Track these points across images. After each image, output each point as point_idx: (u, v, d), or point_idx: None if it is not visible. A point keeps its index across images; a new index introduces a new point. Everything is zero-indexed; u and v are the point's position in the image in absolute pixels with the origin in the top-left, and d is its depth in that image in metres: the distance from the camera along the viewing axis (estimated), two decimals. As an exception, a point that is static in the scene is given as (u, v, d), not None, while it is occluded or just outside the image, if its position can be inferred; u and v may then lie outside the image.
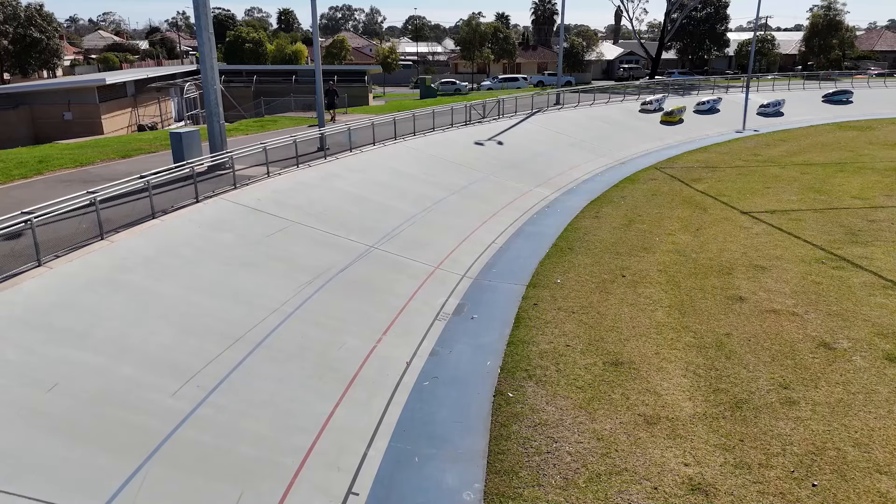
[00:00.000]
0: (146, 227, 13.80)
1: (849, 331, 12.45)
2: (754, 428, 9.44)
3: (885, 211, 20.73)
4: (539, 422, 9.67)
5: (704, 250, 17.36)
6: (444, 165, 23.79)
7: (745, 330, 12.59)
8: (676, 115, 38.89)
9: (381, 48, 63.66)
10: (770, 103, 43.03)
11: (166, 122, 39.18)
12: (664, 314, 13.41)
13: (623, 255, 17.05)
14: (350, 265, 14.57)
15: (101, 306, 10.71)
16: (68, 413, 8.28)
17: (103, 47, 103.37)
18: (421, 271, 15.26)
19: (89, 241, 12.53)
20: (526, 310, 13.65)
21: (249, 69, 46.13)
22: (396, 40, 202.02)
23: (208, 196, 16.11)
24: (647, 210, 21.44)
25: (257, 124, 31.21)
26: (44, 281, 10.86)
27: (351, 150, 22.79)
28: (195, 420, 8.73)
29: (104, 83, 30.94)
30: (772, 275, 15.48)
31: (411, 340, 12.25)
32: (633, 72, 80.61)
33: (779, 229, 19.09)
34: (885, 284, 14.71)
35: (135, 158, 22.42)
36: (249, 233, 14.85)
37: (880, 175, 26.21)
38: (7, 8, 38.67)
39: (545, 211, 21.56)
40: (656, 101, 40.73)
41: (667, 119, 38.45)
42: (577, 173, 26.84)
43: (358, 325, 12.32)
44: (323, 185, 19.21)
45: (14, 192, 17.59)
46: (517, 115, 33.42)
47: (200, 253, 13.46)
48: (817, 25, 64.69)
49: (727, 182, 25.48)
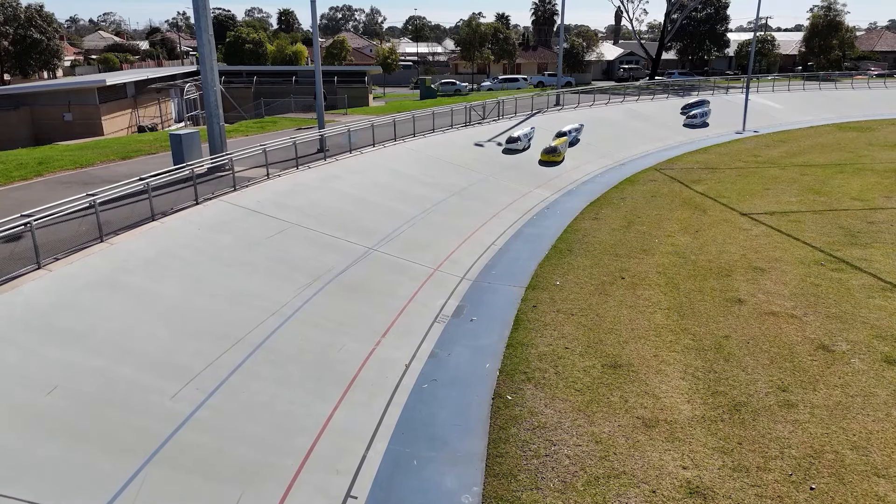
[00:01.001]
0: (146, 228, 13.83)
1: (847, 333, 12.46)
2: (752, 431, 9.46)
3: (884, 213, 20.74)
4: (538, 424, 9.68)
5: (704, 252, 17.37)
6: (443, 166, 23.80)
7: (743, 332, 12.60)
8: (559, 154, 27.52)
9: (382, 49, 63.62)
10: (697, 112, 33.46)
11: (166, 122, 39.19)
12: (663, 316, 13.42)
13: (622, 256, 17.06)
14: (349, 267, 14.59)
15: (100, 307, 10.74)
16: (68, 415, 8.30)
17: (104, 48, 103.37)
18: (420, 273, 15.28)
19: (89, 244, 12.55)
20: (525, 312, 13.67)
21: (249, 70, 46.16)
22: (396, 40, 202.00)
23: (208, 198, 16.13)
24: (646, 211, 21.46)
25: (257, 125, 31.24)
26: (43, 283, 10.88)
27: (350, 152, 22.81)
28: (195, 422, 8.75)
29: (105, 84, 30.95)
30: (771, 277, 15.49)
31: (411, 342, 12.27)
32: (633, 72, 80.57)
33: (778, 231, 19.10)
34: (884, 286, 14.72)
35: (135, 160, 22.44)
36: (249, 234, 14.87)
37: (880, 176, 26.21)
38: (7, 9, 38.70)
39: (545, 212, 21.57)
40: None
41: (548, 158, 27.24)
42: (577, 174, 26.84)
43: (357, 326, 12.34)
44: (323, 187, 19.23)
45: (14, 193, 17.62)
46: (517, 117, 33.43)
47: (200, 255, 13.48)
48: (817, 26, 64.69)
49: (727, 183, 25.49)
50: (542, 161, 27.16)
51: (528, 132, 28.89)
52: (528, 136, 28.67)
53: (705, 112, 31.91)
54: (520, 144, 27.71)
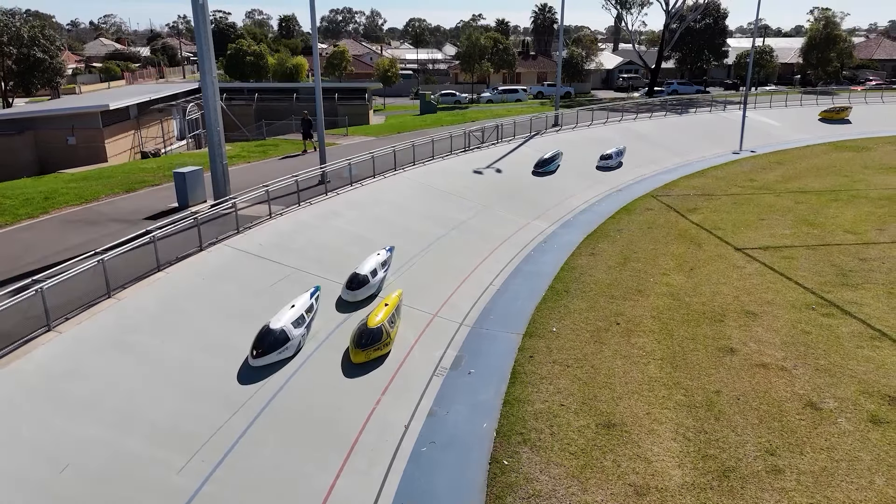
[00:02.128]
0: (152, 280, 14.17)
1: (835, 388, 12.80)
2: (741, 500, 9.80)
3: (876, 248, 21.08)
4: (533, 492, 10.03)
5: (698, 293, 17.72)
6: (443, 197, 24.13)
7: (734, 387, 12.94)
8: None
9: (382, 62, 63.93)
10: (612, 153, 32.45)
11: (168, 140, 39.50)
12: (656, 368, 13.77)
13: (618, 298, 17.41)
14: (350, 316, 14.92)
15: (109, 372, 11.09)
16: (80, 495, 8.63)
17: (105, 55, 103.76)
18: (420, 320, 15.62)
19: (97, 301, 12.89)
20: (522, 363, 14.01)
21: (251, 87, 46.54)
22: (397, 42, 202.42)
23: (212, 243, 16.46)
24: (642, 245, 21.80)
25: (259, 149, 31.58)
26: (54, 348, 11.23)
27: (351, 184, 23.15)
28: (202, 498, 9.10)
29: (108, 108, 31.30)
30: (763, 322, 15.83)
31: (410, 398, 12.61)
32: (632, 81, 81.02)
33: (771, 269, 19.44)
34: (873, 335, 15.06)
35: (140, 193, 22.78)
36: (253, 283, 15.21)
37: (874, 205, 26.55)
38: (11, 29, 39.08)
39: (542, 247, 21.91)
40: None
41: None
42: (575, 202, 27.19)
43: (358, 383, 12.68)
44: (323, 225, 19.58)
45: (21, 234, 17.95)
46: (515, 140, 33.77)
47: (205, 307, 13.83)
48: (815, 39, 65.01)
49: (722, 213, 25.83)
50: None
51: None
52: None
53: (620, 151, 32.68)
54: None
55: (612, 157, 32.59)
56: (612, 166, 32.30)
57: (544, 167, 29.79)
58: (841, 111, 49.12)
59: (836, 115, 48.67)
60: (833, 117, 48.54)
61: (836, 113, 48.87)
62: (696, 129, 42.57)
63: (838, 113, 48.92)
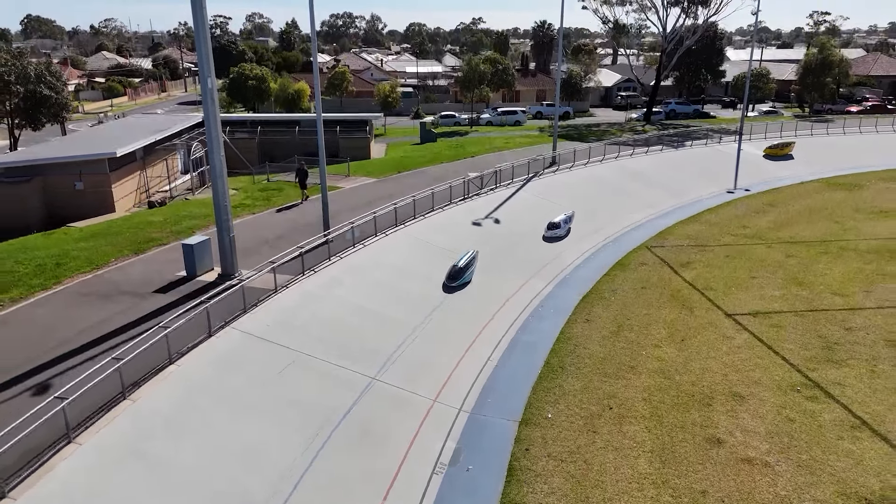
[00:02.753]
0: (165, 374, 14.87)
1: (814, 489, 13.50)
2: None
3: (862, 316, 21.78)
4: None
5: (688, 370, 18.42)
6: (443, 256, 24.80)
7: (720, 486, 13.64)
8: None
9: (383, 87, 64.66)
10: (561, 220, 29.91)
11: (173, 176, 40.14)
12: (646, 462, 14.46)
13: (611, 377, 18.11)
14: (353, 406, 15.62)
15: (127, 486, 11.78)
16: None
17: (107, 69, 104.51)
18: (420, 407, 16.32)
19: (114, 404, 13.58)
20: (518, 458, 14.71)
21: (254, 119, 47.21)
22: (397, 46, 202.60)
23: (220, 326, 17.14)
24: (635, 311, 22.50)
25: (263, 197, 32.26)
26: (75, 462, 11.92)
27: (354, 245, 23.84)
28: None
29: (115, 155, 32.00)
30: (749, 407, 16.53)
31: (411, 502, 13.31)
32: (630, 99, 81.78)
33: (760, 341, 20.14)
34: (854, 423, 15.77)
35: (149, 254, 23.46)
36: (260, 373, 15.91)
37: (862, 260, 27.23)
38: (18, 67, 39.79)
39: (539, 312, 22.61)
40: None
41: None
42: (572, 255, 27.91)
43: (361, 485, 13.37)
44: (327, 296, 20.28)
45: (38, 311, 18.62)
46: (514, 183, 34.49)
47: (215, 402, 14.53)
48: (811, 64, 65.73)
49: (714, 269, 26.53)
50: None
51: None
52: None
53: (569, 218, 30.67)
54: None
55: (559, 227, 29.65)
56: (561, 235, 29.46)
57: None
58: (784, 147, 48.13)
59: (779, 152, 47.82)
60: (777, 153, 47.72)
61: (779, 149, 47.91)
62: (691, 165, 43.25)
63: (781, 149, 47.91)
